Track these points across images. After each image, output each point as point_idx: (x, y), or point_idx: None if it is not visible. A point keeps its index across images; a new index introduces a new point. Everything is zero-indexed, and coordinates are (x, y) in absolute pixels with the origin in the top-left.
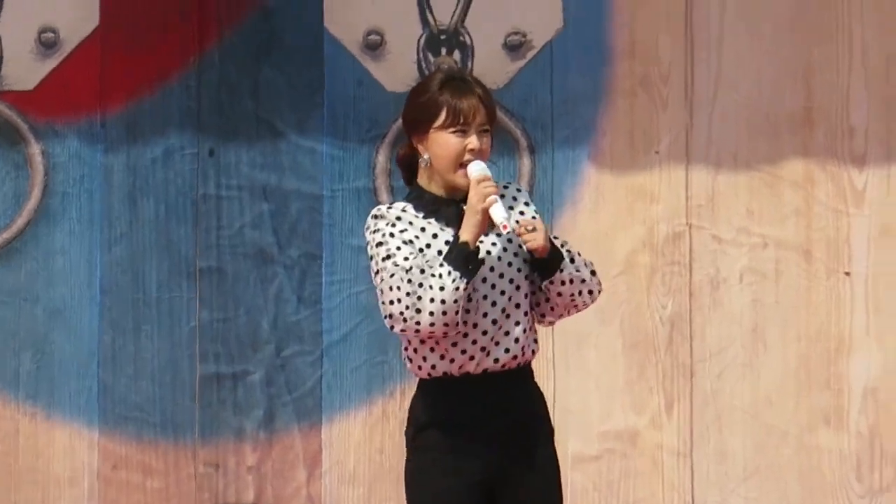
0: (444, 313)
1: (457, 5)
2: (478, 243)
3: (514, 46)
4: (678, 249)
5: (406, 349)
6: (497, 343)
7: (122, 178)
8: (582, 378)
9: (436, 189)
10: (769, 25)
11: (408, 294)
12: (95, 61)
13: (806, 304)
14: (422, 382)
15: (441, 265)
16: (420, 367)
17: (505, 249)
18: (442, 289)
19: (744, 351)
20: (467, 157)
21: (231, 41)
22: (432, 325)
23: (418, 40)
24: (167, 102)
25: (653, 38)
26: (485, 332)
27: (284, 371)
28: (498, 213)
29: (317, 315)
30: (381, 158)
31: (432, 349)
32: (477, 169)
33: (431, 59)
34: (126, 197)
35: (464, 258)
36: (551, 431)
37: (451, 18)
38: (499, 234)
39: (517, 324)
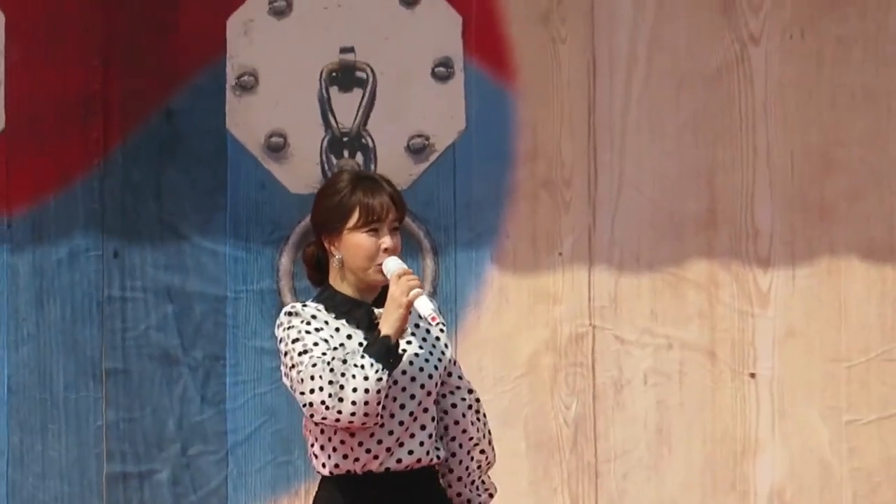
0: (366, 403)
1: (359, 108)
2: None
3: (417, 149)
4: (581, 350)
5: (312, 445)
6: (401, 444)
7: (29, 279)
8: None
9: (347, 289)
10: (672, 125)
11: (330, 382)
12: (1, 163)
13: (711, 405)
14: (324, 481)
15: (363, 356)
16: (324, 465)
17: (417, 354)
18: (366, 378)
19: (648, 453)
20: (381, 256)
21: (134, 143)
22: (353, 414)
23: (321, 142)
24: (72, 204)
25: (555, 141)
26: (391, 433)
27: (190, 470)
28: (424, 305)
29: (221, 415)
30: (285, 260)
31: (335, 448)
32: (395, 264)
33: (334, 160)
34: (32, 298)
35: (386, 351)
36: None
37: (354, 121)
38: (413, 335)
39: (423, 427)
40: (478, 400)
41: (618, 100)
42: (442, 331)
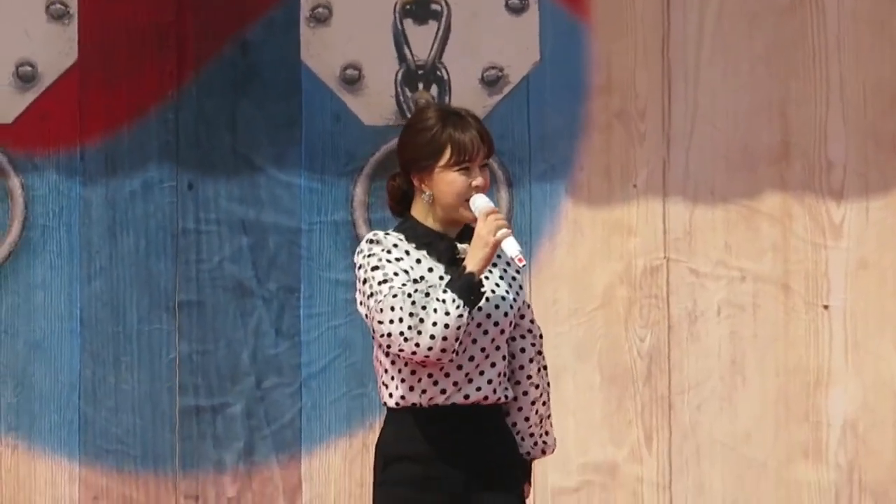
0: (445, 338)
1: (434, 40)
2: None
3: (491, 81)
4: (656, 283)
5: (381, 376)
6: (470, 380)
7: (102, 211)
8: (560, 412)
9: (431, 222)
10: (746, 59)
11: (410, 314)
12: (74, 95)
13: (784, 337)
14: (390, 414)
15: (445, 291)
16: (391, 395)
17: (493, 291)
18: (447, 313)
19: (722, 384)
20: (470, 192)
21: (208, 75)
22: (430, 348)
23: (396, 75)
24: (146, 136)
25: (629, 73)
26: (460, 367)
27: (264, 403)
28: (511, 246)
29: (295, 348)
30: (359, 191)
31: (403, 380)
32: (483, 202)
33: (409, 93)
34: (105, 230)
35: (469, 287)
36: (520, 476)
37: (429, 53)
38: (490, 272)
39: (493, 365)
40: (540, 352)
41: (692, 33)
42: (518, 271)
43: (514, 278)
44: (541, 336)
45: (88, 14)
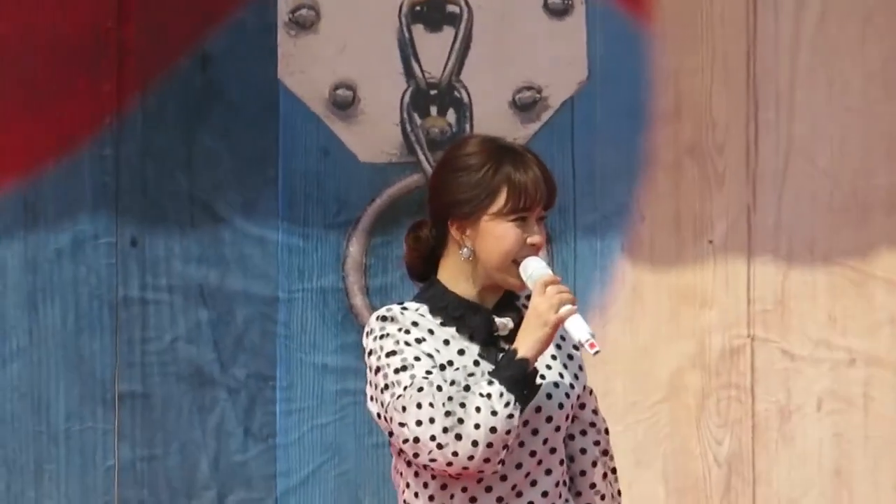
0: (490, 444)
1: (450, 52)
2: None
3: (525, 105)
4: (737, 368)
5: (403, 491)
6: (519, 494)
7: (19, 275)
8: None
9: (465, 289)
10: (857, 76)
11: (447, 414)
12: None
13: None
14: None
15: (490, 383)
16: None
17: (543, 376)
18: (493, 413)
19: (824, 501)
20: (523, 252)
21: (158, 98)
22: (471, 457)
23: (402, 97)
24: (77, 177)
25: (704, 95)
26: (504, 478)
27: None
28: (579, 327)
29: (270, 453)
30: (354, 250)
31: (432, 497)
32: (540, 267)
33: (418, 121)
34: (24, 300)
35: (522, 379)
36: None
37: (444, 69)
38: (553, 357)
39: (548, 472)
40: (607, 451)
41: (785, 42)
42: (577, 348)
43: (570, 357)
44: (606, 431)
45: (3, 19)
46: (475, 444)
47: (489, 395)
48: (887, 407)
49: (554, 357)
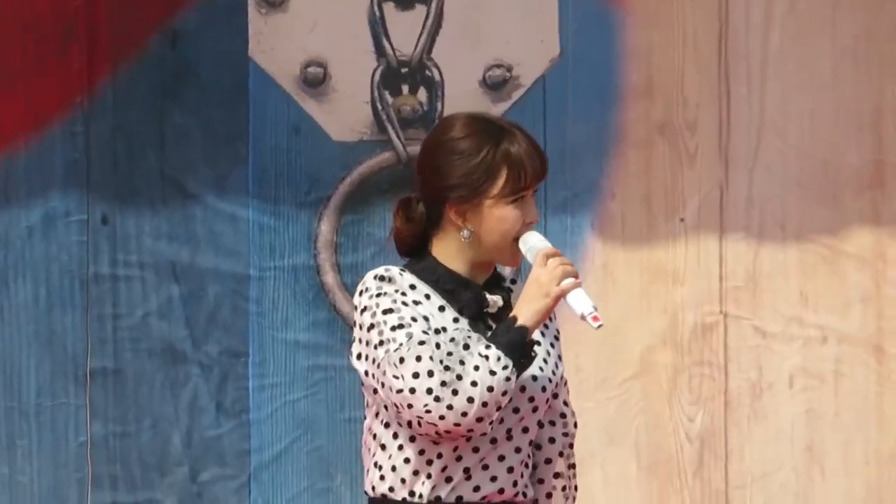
0: (485, 404)
1: (422, 31)
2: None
3: (496, 84)
4: (709, 345)
5: (376, 453)
6: (485, 467)
7: None
8: None
9: (457, 265)
10: (828, 54)
11: (446, 368)
12: None
13: (876, 415)
14: None
15: (488, 346)
16: (383, 478)
17: (541, 366)
18: (492, 373)
19: (795, 477)
20: (522, 230)
21: (128, 76)
22: (465, 413)
23: (373, 75)
24: (47, 155)
25: (676, 73)
26: (476, 450)
27: (202, 501)
28: (582, 301)
29: (242, 429)
30: (325, 228)
31: (408, 459)
32: (540, 241)
33: (389, 99)
34: None
35: (520, 345)
36: None
37: (415, 47)
38: (537, 343)
39: (517, 451)
40: (572, 445)
41: (756, 20)
42: (558, 335)
43: (552, 345)
44: (575, 425)
45: None
46: (471, 400)
47: (487, 357)
48: (858, 384)
49: (538, 343)
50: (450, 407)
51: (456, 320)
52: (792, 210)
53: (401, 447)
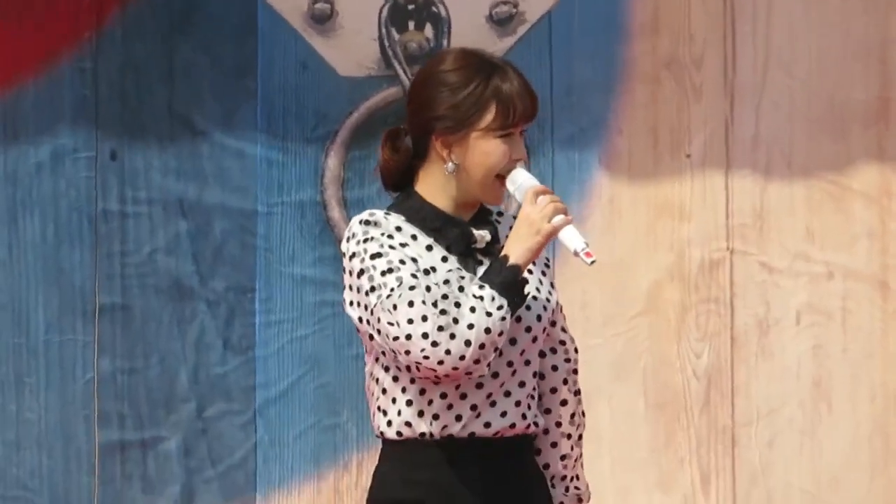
0: (482, 346)
1: None
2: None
3: (502, 19)
4: (716, 282)
5: (378, 398)
6: (493, 403)
7: None
8: (594, 447)
9: (442, 201)
10: None
11: (442, 312)
12: None
13: (882, 351)
14: (388, 448)
15: (481, 287)
16: (390, 423)
17: (534, 296)
18: (488, 314)
19: (802, 413)
20: (508, 167)
21: (137, 11)
22: (463, 357)
23: (380, 11)
24: (55, 91)
25: (682, 8)
26: (480, 386)
27: (207, 437)
28: (574, 237)
29: (249, 365)
30: (332, 163)
31: (409, 402)
32: (528, 178)
33: (396, 35)
34: (4, 213)
35: (513, 284)
36: None
37: None
38: (529, 272)
39: (521, 385)
40: (576, 371)
41: None
42: (548, 265)
43: (543, 273)
44: (576, 350)
45: None
46: (468, 343)
47: (482, 298)
48: (864, 320)
49: (530, 271)
50: (447, 351)
51: (444, 259)
52: (798, 146)
53: (404, 389)
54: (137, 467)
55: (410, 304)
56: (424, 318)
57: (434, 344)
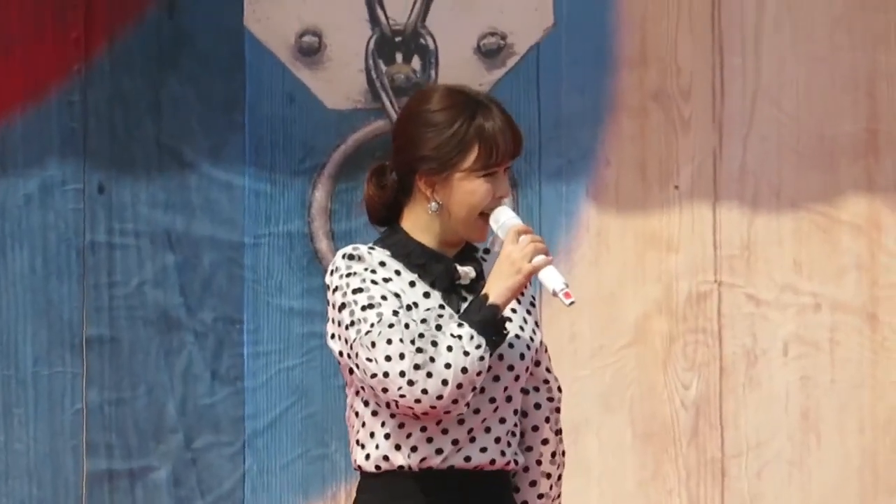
0: (460, 386)
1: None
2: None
3: (490, 51)
4: (704, 313)
5: (358, 431)
6: (473, 438)
7: None
8: (581, 479)
9: (426, 238)
10: (822, 22)
11: (418, 350)
12: None
13: (871, 382)
14: (366, 480)
15: (460, 325)
16: (368, 456)
17: (517, 334)
18: (465, 353)
19: (791, 444)
20: (491, 205)
21: (127, 45)
22: (440, 396)
23: (367, 43)
24: (43, 123)
25: (670, 40)
26: (461, 422)
27: (196, 468)
28: (554, 277)
29: (238, 396)
30: (319, 195)
31: (387, 435)
32: (511, 217)
33: (383, 67)
34: None
35: (491, 323)
36: None
37: (409, 15)
38: (513, 310)
39: (502, 421)
40: (559, 410)
41: None
42: (533, 304)
43: (528, 312)
44: (559, 389)
45: None
46: (445, 382)
47: (460, 337)
48: (853, 351)
49: (514, 310)
50: (424, 391)
51: (427, 295)
52: (786, 178)
53: (383, 423)
54: (126, 497)
55: (389, 341)
56: (402, 356)
57: (410, 383)
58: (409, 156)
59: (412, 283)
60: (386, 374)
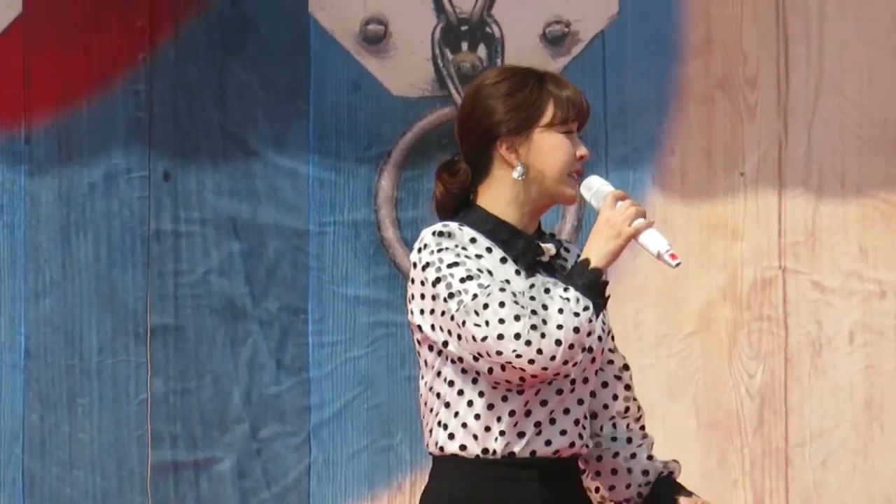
0: (571, 346)
1: None
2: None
3: (555, 39)
4: (769, 300)
5: (439, 412)
6: (553, 421)
7: (53, 209)
8: None
9: (510, 214)
10: (886, 9)
11: (532, 312)
12: (17, 60)
13: None
14: (441, 466)
15: (566, 289)
16: (452, 436)
17: None
18: (576, 315)
19: (855, 433)
20: (576, 165)
21: (190, 32)
22: (553, 357)
23: (432, 32)
24: (109, 112)
25: (735, 28)
26: (544, 403)
27: (261, 458)
28: (657, 239)
29: (303, 386)
30: (385, 183)
31: (465, 424)
32: (603, 183)
33: (449, 56)
34: (58, 234)
35: (596, 285)
36: None
37: (475, 4)
38: None
39: (580, 402)
40: (629, 386)
41: None
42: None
43: None
44: (626, 367)
45: None
46: (558, 343)
47: (568, 300)
48: None
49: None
50: (539, 350)
51: (518, 272)
52: (851, 165)
53: (470, 403)
54: (191, 488)
55: (501, 304)
56: (517, 318)
57: (527, 343)
58: (486, 125)
59: (503, 260)
60: (500, 336)
